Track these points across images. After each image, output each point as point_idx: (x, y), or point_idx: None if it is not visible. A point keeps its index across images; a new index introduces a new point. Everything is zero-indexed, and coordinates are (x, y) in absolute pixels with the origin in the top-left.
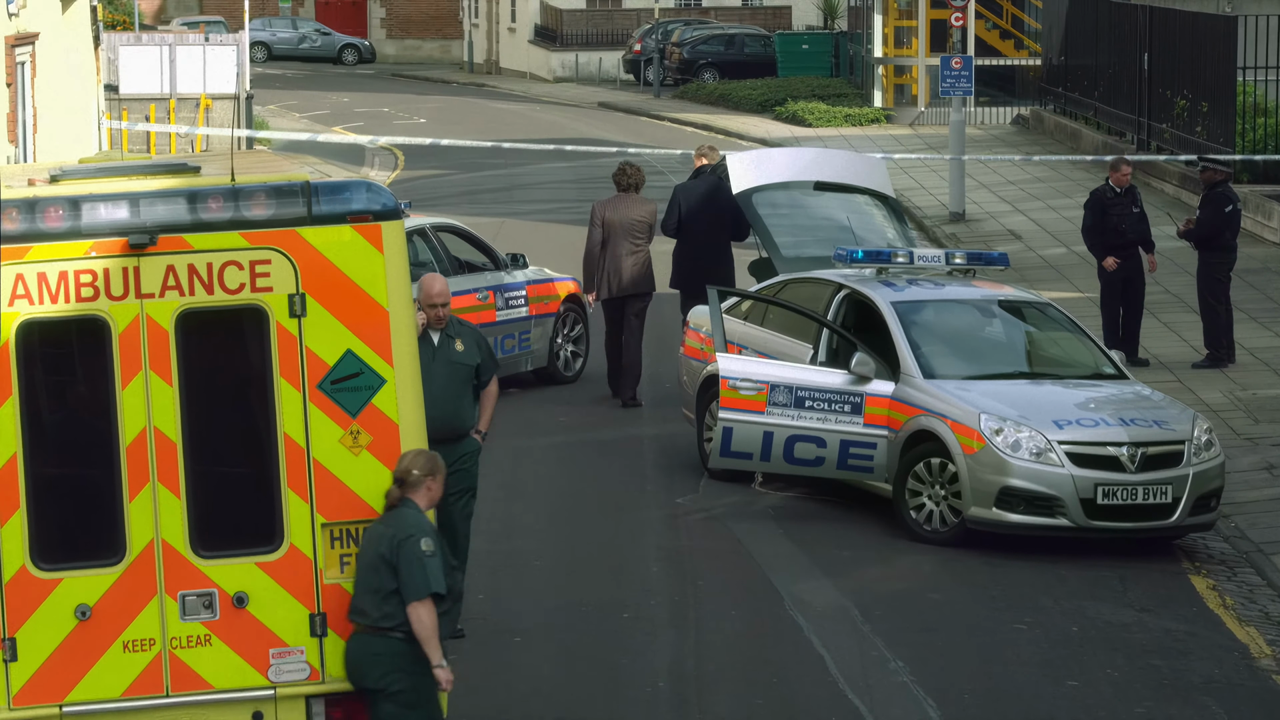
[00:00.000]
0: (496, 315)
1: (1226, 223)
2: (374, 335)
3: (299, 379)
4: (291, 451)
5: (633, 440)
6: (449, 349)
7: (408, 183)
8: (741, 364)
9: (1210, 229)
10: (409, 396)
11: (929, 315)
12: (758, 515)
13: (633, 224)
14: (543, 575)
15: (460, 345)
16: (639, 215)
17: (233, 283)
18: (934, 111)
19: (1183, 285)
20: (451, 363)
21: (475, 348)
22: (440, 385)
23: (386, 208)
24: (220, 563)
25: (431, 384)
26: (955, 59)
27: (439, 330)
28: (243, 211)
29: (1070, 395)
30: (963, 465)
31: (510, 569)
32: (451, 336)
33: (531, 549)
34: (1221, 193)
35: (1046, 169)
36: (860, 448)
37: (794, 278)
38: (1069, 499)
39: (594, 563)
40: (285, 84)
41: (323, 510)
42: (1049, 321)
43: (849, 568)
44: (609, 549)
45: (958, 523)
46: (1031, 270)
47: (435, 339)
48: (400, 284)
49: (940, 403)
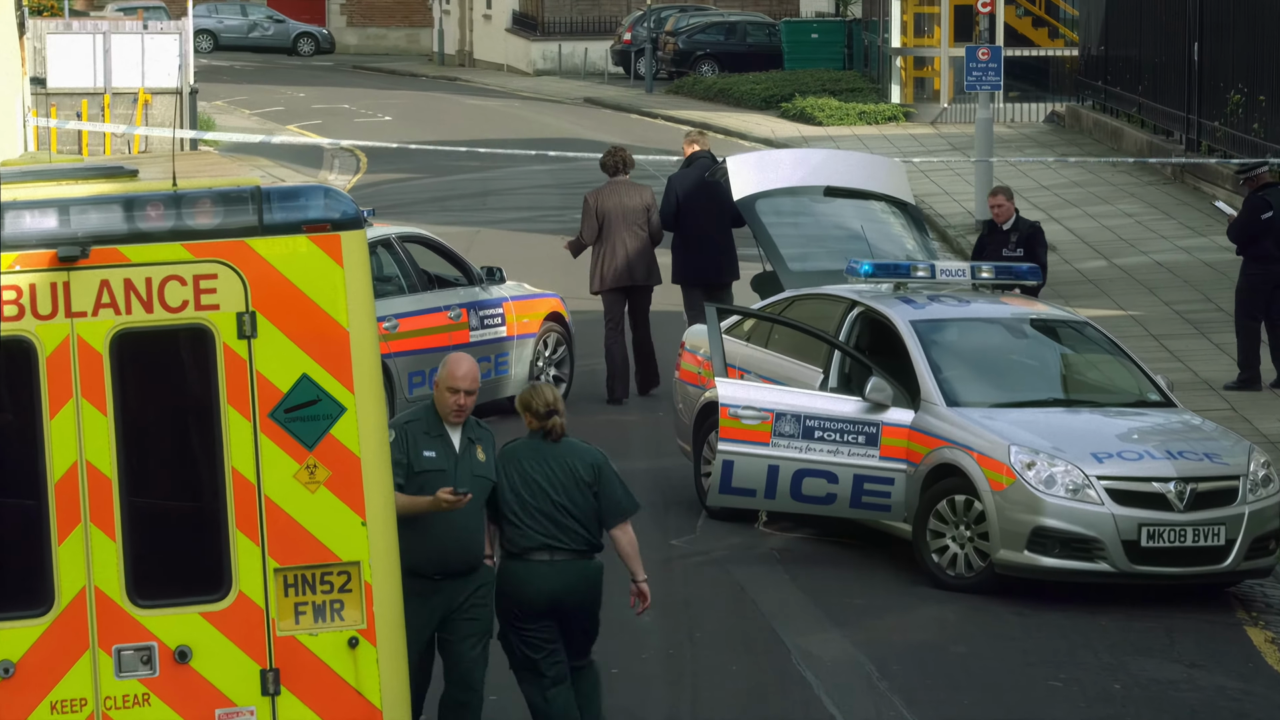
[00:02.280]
0: (470, 336)
1: (1264, 229)
2: (333, 358)
3: (249, 407)
4: (240, 488)
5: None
6: (472, 458)
7: (371, 188)
8: (743, 390)
9: (1242, 235)
10: (372, 426)
11: (952, 336)
12: (761, 559)
13: (631, 211)
14: None
15: (482, 454)
16: (637, 202)
17: (174, 300)
18: (958, 108)
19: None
20: (475, 477)
21: (493, 455)
22: (463, 507)
23: (347, 216)
24: (160, 613)
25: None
26: (982, 49)
27: (458, 429)
28: (185, 220)
29: (1111, 425)
30: (990, 503)
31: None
32: (473, 440)
33: None
34: (1262, 197)
35: (1084, 172)
36: (876, 483)
37: (802, 294)
38: (1110, 541)
39: None
40: (234, 77)
41: (275, 554)
42: (1087, 343)
43: (863, 618)
44: None
45: (985, 567)
46: (1067, 285)
47: (456, 442)
48: (362, 301)
49: (965, 433)
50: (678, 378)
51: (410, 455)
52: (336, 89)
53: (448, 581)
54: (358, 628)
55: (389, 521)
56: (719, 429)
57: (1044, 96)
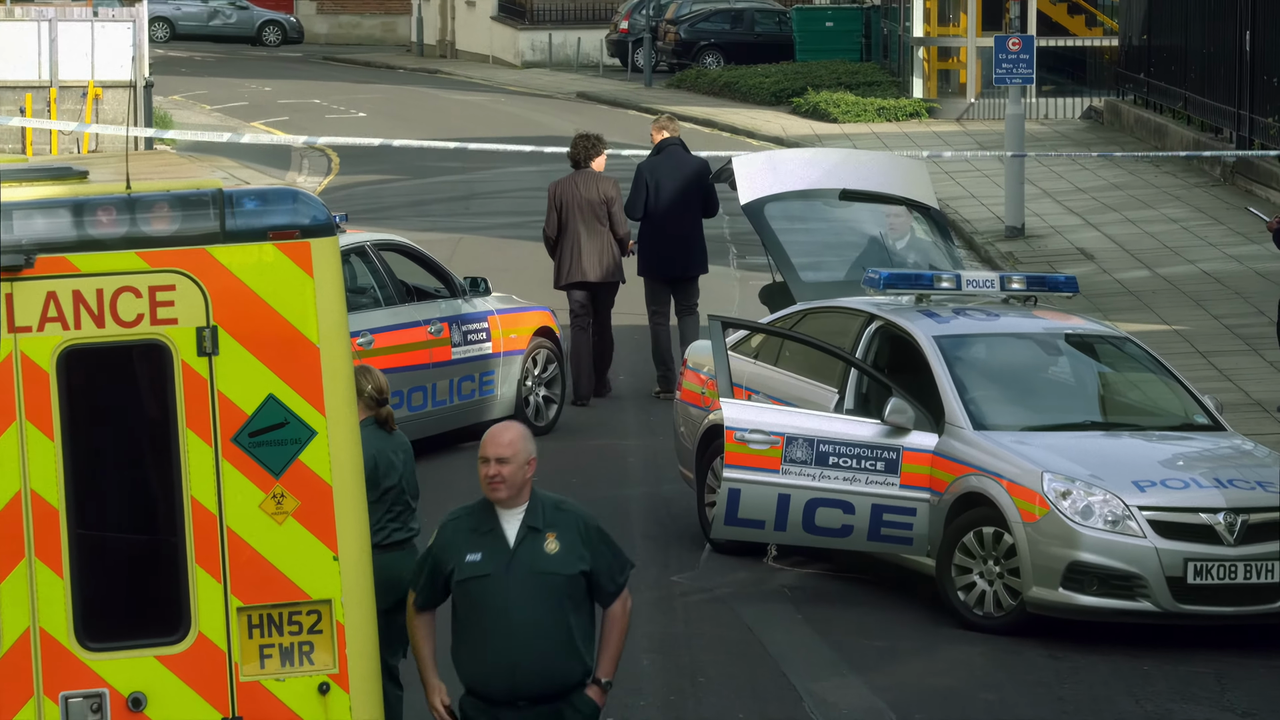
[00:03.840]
0: (453, 352)
1: None
2: (302, 377)
3: (209, 431)
4: (200, 520)
5: (618, 504)
6: (536, 549)
7: (343, 190)
8: (751, 412)
9: None
10: (344, 451)
11: (980, 352)
12: (771, 596)
13: (593, 204)
14: None
15: (554, 543)
16: (595, 194)
17: (128, 314)
18: (986, 103)
19: None
20: (540, 573)
21: (580, 542)
22: (521, 608)
23: (317, 221)
24: (113, 656)
25: (508, 606)
26: (1013, 39)
27: (516, 515)
28: (140, 226)
29: (1154, 450)
30: (1022, 536)
31: None
32: (539, 529)
33: None
34: None
35: (1125, 173)
36: (896, 514)
37: (815, 306)
38: (1153, 577)
39: None
40: (193, 69)
41: (239, 591)
42: (1127, 360)
43: (882, 661)
44: None
45: (1016, 606)
46: (1106, 298)
47: (510, 530)
48: (334, 314)
49: (994, 459)
50: (679, 398)
51: (449, 561)
52: (305, 82)
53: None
54: (329, 672)
55: (363, 555)
56: (724, 454)
57: (1081, 90)
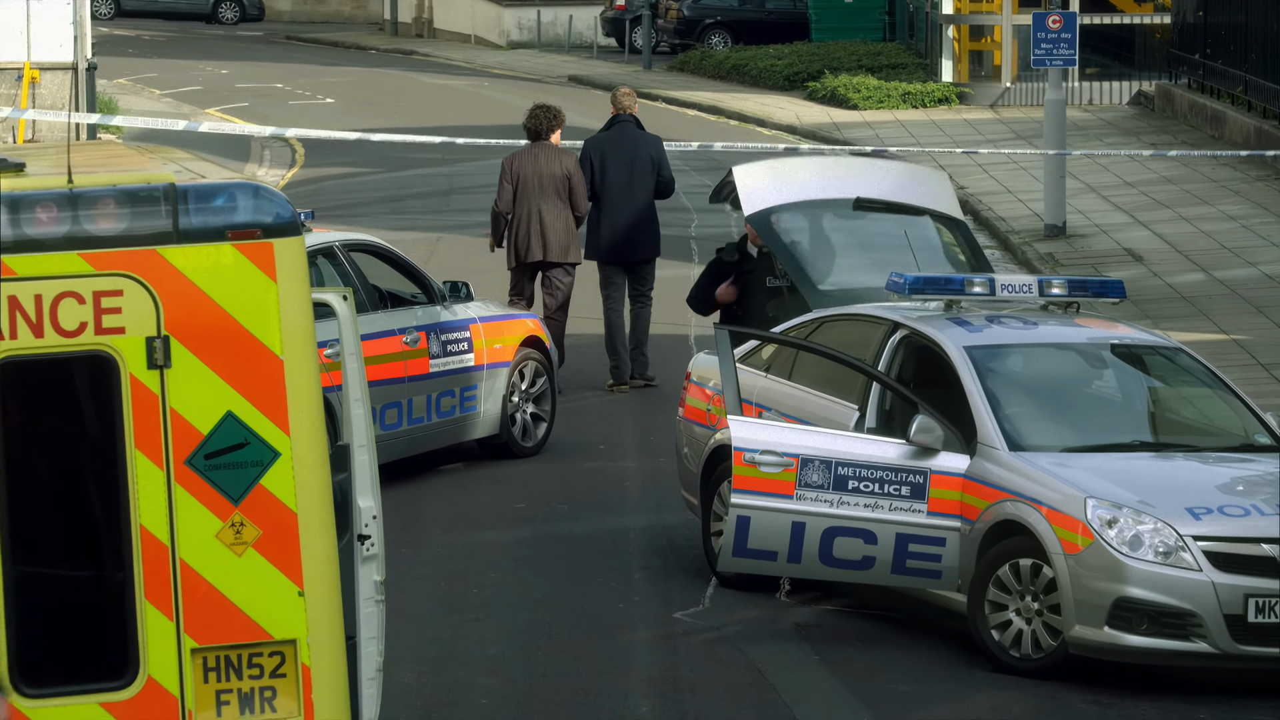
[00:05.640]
0: (430, 365)
1: None
2: (264, 393)
3: (161, 452)
4: (150, 551)
5: (615, 534)
6: None
7: (309, 185)
8: (762, 431)
9: None
10: (311, 475)
11: (1016, 364)
12: (783, 636)
13: (555, 178)
14: (494, 716)
15: None
16: (558, 169)
17: (70, 322)
18: (1024, 88)
19: None
20: None
21: None
22: None
23: (281, 219)
24: (52, 703)
25: None
26: (1053, 17)
27: None
28: (84, 225)
29: (1210, 474)
30: (1063, 569)
31: (449, 708)
32: None
33: (479, 682)
34: None
35: (1178, 165)
36: (923, 544)
37: (833, 314)
38: (1209, 615)
39: (562, 701)
40: (141, 50)
41: (193, 631)
42: (1181, 373)
43: (908, 707)
44: (583, 682)
45: (1056, 647)
46: (1157, 304)
47: None
48: (300, 323)
49: (1032, 483)
50: (682, 416)
51: None
52: (266, 65)
53: None
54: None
55: (332, 591)
56: (732, 478)
57: (1129, 73)
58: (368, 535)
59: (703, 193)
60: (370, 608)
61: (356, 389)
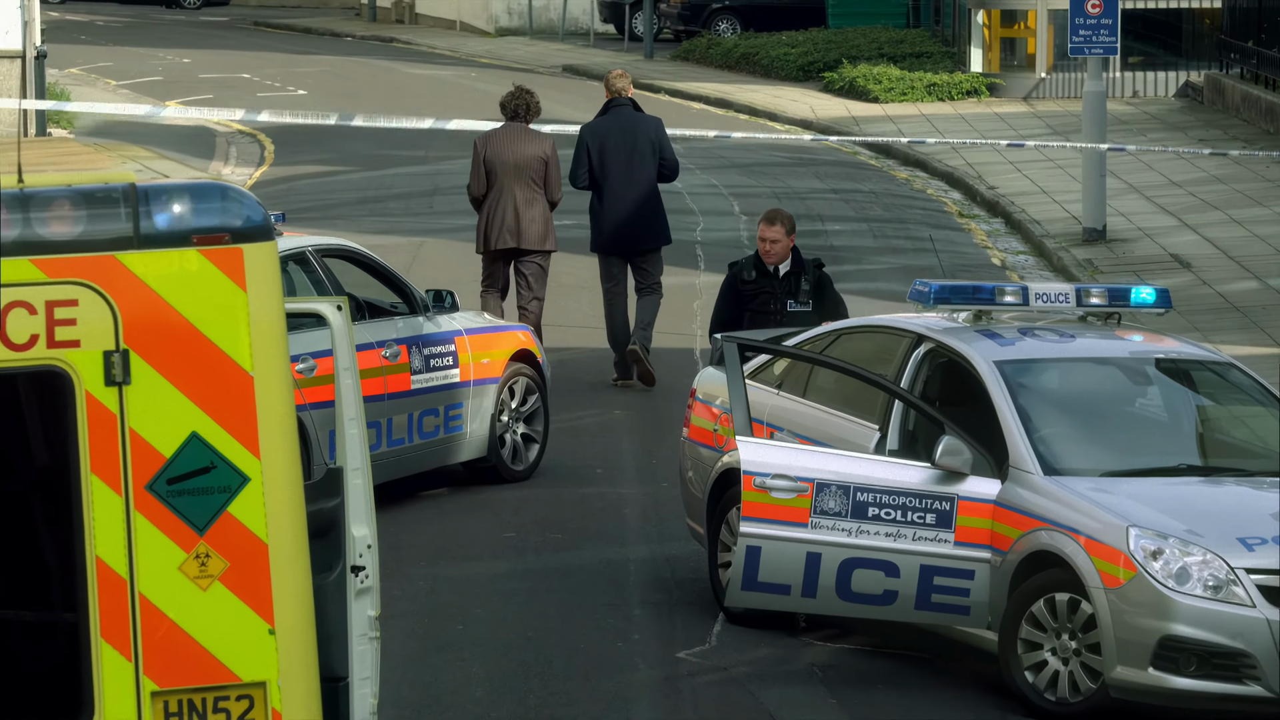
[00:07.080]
0: (412, 381)
1: None
2: (232, 412)
3: (119, 477)
4: (107, 585)
5: (614, 566)
6: None
7: (280, 184)
8: (774, 453)
9: None
10: (283, 503)
11: (1052, 381)
12: (798, 677)
13: (524, 163)
14: None
15: None
16: (533, 151)
17: (20, 334)
18: (1060, 79)
19: None
20: None
21: None
22: None
23: (251, 223)
24: None
25: None
26: (1092, 2)
27: None
28: (36, 228)
29: (1264, 500)
30: (1103, 604)
31: None
32: None
33: None
34: None
35: (1229, 163)
36: (950, 577)
37: (851, 326)
38: (1264, 655)
39: None
40: (95, 36)
41: (153, 672)
42: (1232, 390)
43: None
44: None
45: (1096, 689)
46: (1206, 315)
47: None
48: (271, 334)
49: (1069, 510)
50: (686, 436)
51: None
52: (232, 53)
53: None
54: None
55: (306, 629)
56: (741, 505)
57: (1175, 63)
58: (362, 566)
59: (710, 193)
60: (364, 645)
61: (351, 407)
